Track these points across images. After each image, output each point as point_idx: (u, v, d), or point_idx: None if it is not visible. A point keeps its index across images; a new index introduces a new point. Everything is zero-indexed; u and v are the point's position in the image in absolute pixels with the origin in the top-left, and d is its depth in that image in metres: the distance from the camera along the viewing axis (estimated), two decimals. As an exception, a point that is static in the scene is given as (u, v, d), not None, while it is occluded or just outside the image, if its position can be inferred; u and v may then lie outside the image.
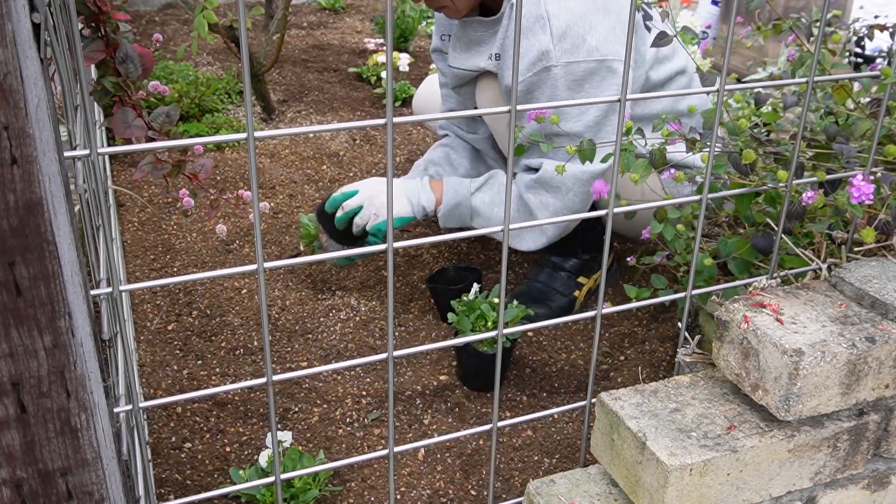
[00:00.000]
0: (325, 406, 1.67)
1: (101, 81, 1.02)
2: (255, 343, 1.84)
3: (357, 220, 1.83)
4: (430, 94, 2.31)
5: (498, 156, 2.12)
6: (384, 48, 3.64)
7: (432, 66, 3.45)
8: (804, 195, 1.12)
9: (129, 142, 1.05)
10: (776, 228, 1.18)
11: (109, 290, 0.83)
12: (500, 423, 1.09)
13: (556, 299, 1.96)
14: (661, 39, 1.14)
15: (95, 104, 1.24)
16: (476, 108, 1.99)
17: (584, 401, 1.21)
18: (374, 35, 4.02)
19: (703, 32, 3.19)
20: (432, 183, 1.86)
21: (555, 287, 1.97)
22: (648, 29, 1.78)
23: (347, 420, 1.64)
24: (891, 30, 1.44)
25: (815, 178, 1.17)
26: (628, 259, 1.62)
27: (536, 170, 1.76)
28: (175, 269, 2.10)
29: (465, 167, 2.06)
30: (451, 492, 1.48)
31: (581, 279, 1.98)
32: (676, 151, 1.29)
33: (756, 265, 1.36)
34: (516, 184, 1.79)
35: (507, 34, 1.72)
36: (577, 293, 1.98)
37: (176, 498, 1.37)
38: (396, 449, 1.04)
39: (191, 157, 1.19)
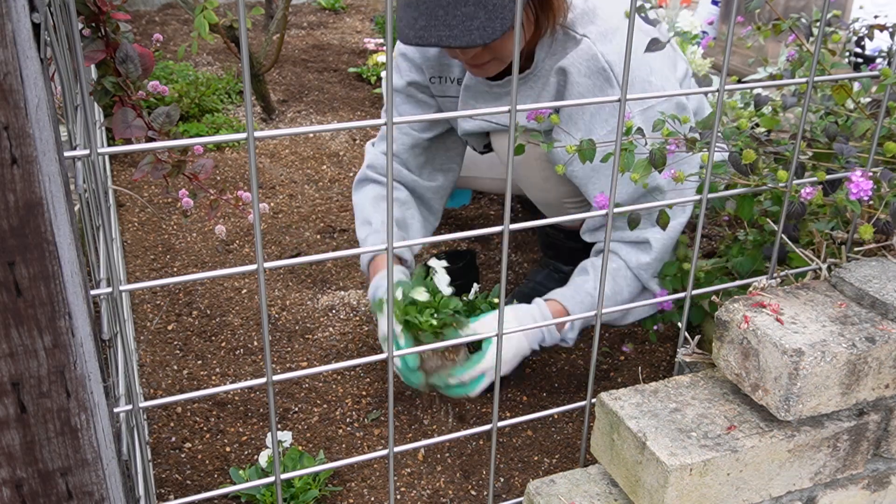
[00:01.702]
0: (325, 406, 1.67)
1: (101, 81, 1.02)
2: (255, 343, 1.84)
3: (472, 394, 1.54)
4: None
5: (437, 210, 1.91)
6: (384, 48, 3.64)
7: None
8: (802, 191, 1.12)
9: (128, 142, 1.05)
10: (776, 229, 1.18)
11: (109, 290, 0.83)
12: (500, 423, 1.09)
13: None
14: (654, 45, 1.13)
15: (95, 104, 1.24)
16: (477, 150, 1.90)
17: (584, 401, 1.21)
18: (374, 35, 4.02)
19: (703, 32, 3.19)
20: (551, 306, 1.62)
21: (554, 288, 1.97)
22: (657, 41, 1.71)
23: (347, 420, 1.64)
24: (891, 30, 1.44)
25: (815, 178, 1.17)
26: None
27: (635, 241, 1.60)
28: (175, 269, 2.10)
29: (418, 229, 1.83)
30: (451, 492, 1.48)
31: None
32: (677, 152, 1.29)
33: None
34: (631, 268, 1.61)
35: (552, 94, 1.58)
36: None
37: (176, 498, 1.37)
38: (396, 449, 1.04)
39: (191, 157, 1.19)
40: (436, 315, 1.45)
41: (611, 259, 1.60)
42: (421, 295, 1.47)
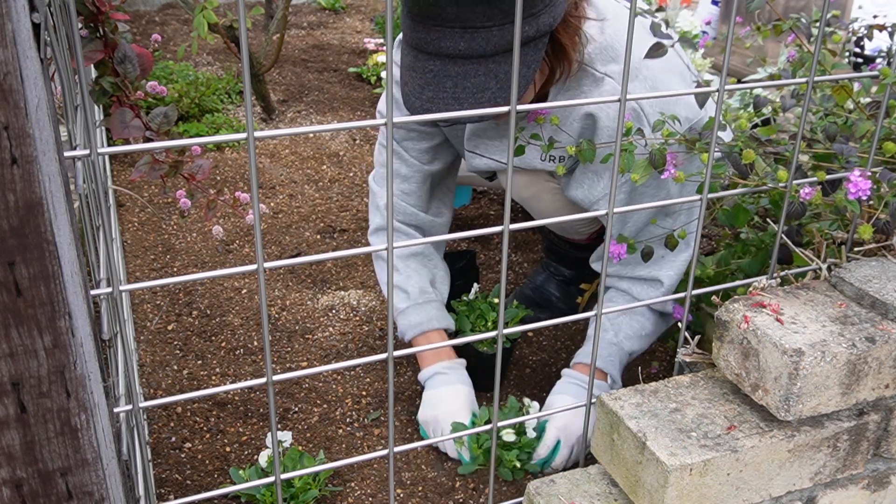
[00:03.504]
0: (325, 406, 1.67)
1: (100, 81, 1.02)
2: (255, 343, 1.84)
3: (555, 464, 1.54)
4: None
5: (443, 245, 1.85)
6: (384, 48, 3.64)
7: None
8: (802, 191, 1.12)
9: (128, 142, 1.05)
10: (777, 229, 1.18)
11: (109, 290, 0.83)
12: (500, 423, 1.09)
13: (557, 305, 1.96)
14: (656, 51, 1.12)
15: (95, 104, 1.24)
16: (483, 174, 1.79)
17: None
18: (374, 35, 4.02)
19: (703, 32, 3.19)
20: (578, 367, 1.61)
21: (556, 293, 1.97)
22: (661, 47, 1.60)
23: (347, 420, 1.64)
24: (890, 30, 1.44)
25: (815, 178, 1.17)
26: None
27: (646, 279, 1.57)
28: (175, 269, 2.10)
29: (443, 279, 1.76)
30: (451, 492, 1.48)
31: (583, 286, 1.98)
32: (677, 151, 1.28)
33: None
34: (639, 300, 1.56)
35: (572, 131, 1.49)
36: (579, 300, 1.98)
37: (176, 498, 1.37)
38: (396, 449, 1.04)
39: (189, 157, 1.19)
40: (518, 457, 1.51)
41: (624, 299, 1.58)
42: (509, 436, 1.51)
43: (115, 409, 0.89)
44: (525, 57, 1.28)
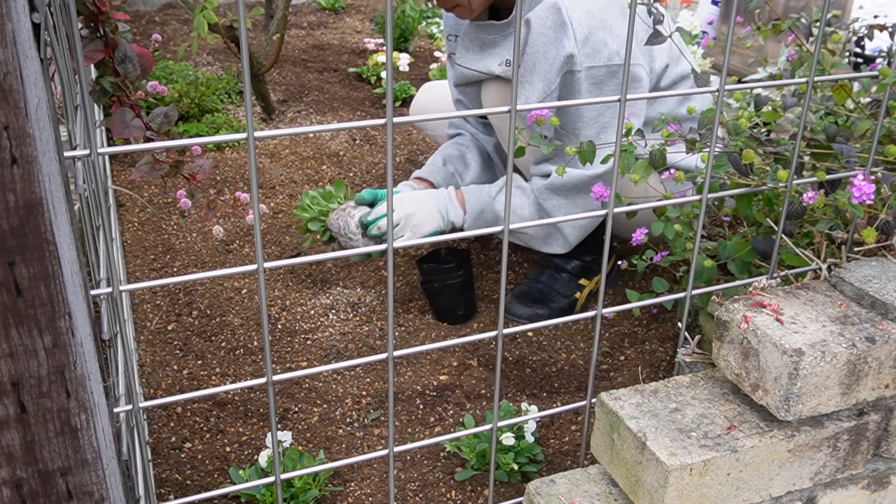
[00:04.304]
0: (325, 406, 1.67)
1: (100, 81, 1.02)
2: (255, 343, 1.84)
3: (379, 224, 1.81)
4: (427, 102, 2.30)
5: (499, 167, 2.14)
6: (384, 48, 3.64)
7: (433, 66, 3.45)
8: (805, 195, 1.12)
9: (128, 142, 1.05)
10: (776, 229, 1.18)
11: (109, 290, 0.83)
12: (500, 423, 1.09)
13: (556, 300, 1.96)
14: (655, 38, 1.14)
15: (95, 104, 1.24)
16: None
17: (584, 401, 1.21)
18: (374, 35, 4.02)
19: (703, 32, 3.19)
20: (457, 194, 1.87)
21: (556, 288, 1.97)
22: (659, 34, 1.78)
23: (347, 420, 1.64)
24: (890, 30, 1.44)
25: (815, 178, 1.17)
26: (619, 262, 1.61)
27: (544, 174, 1.79)
28: (175, 269, 2.10)
29: (476, 169, 2.07)
30: (452, 492, 1.48)
31: (582, 281, 1.99)
32: (676, 152, 1.29)
33: (756, 265, 1.36)
34: (533, 190, 1.81)
35: (522, 42, 1.72)
36: (577, 295, 1.98)
37: (176, 498, 1.37)
38: (396, 449, 1.04)
39: (189, 157, 1.19)
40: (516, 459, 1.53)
41: (522, 182, 1.85)
42: (508, 440, 1.54)
43: (115, 409, 0.89)
44: None
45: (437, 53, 3.76)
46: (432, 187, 1.97)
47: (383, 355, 0.94)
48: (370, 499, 1.45)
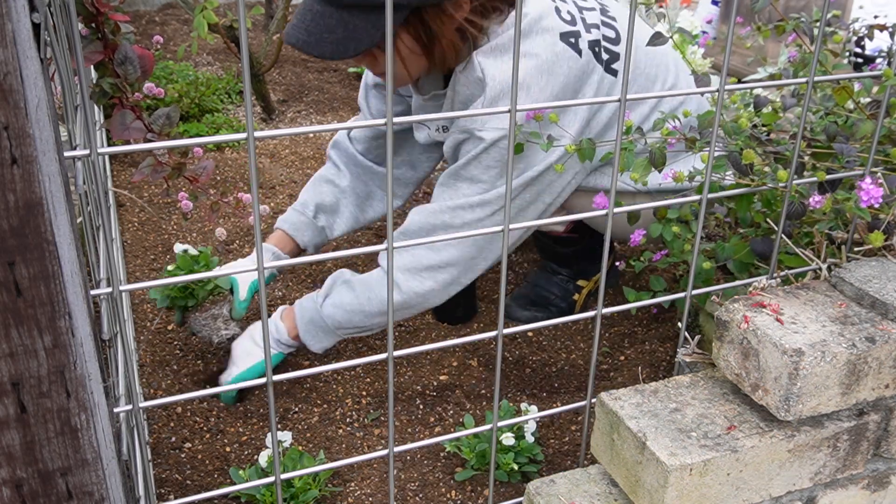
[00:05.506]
0: (325, 406, 1.67)
1: (100, 83, 1.02)
2: (255, 343, 1.84)
3: (223, 376, 1.66)
4: None
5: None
6: (384, 48, 3.63)
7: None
8: (811, 199, 1.11)
9: (128, 142, 1.05)
10: (776, 229, 1.18)
11: (109, 290, 0.83)
12: (500, 423, 1.09)
13: (555, 302, 1.96)
14: (657, 39, 1.14)
15: (96, 105, 1.24)
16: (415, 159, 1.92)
17: (584, 401, 1.21)
18: (374, 35, 4.01)
19: (703, 32, 3.19)
20: (285, 313, 1.66)
21: (553, 290, 1.97)
22: (614, 73, 1.55)
23: (347, 420, 1.64)
24: (891, 30, 1.44)
25: (815, 179, 1.17)
26: (617, 263, 1.61)
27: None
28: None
29: (349, 219, 1.89)
30: (452, 492, 1.48)
31: (580, 282, 1.98)
32: (676, 151, 1.29)
33: (756, 265, 1.36)
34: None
35: (452, 107, 1.58)
36: (576, 297, 1.98)
37: (176, 498, 1.37)
38: (396, 449, 1.04)
39: (191, 159, 1.19)
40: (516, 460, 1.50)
41: (349, 277, 1.65)
42: (508, 440, 1.49)
43: (115, 409, 0.89)
44: (374, 20, 1.38)
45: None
46: (296, 247, 1.84)
47: (383, 355, 0.94)
48: (370, 499, 1.45)
